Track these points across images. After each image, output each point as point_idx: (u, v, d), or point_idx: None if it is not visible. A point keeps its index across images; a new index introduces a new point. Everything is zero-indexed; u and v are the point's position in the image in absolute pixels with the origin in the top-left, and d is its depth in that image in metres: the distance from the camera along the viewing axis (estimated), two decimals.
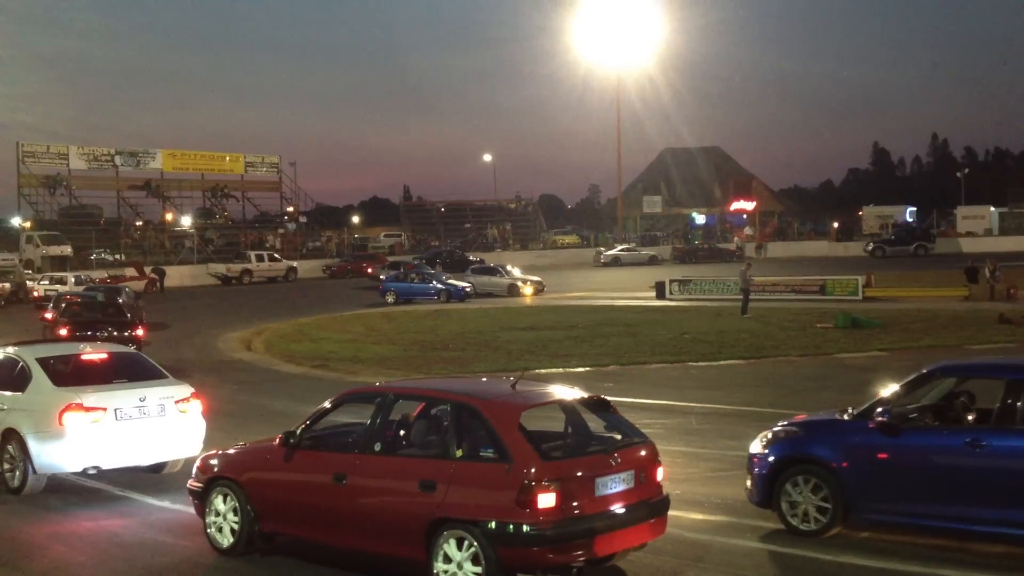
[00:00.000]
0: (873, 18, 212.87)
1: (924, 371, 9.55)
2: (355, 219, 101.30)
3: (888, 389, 9.61)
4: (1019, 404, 8.67)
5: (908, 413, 9.34)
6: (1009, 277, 35.71)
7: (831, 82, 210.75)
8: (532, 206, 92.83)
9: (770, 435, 9.84)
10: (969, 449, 8.61)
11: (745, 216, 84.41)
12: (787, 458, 9.50)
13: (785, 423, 10.10)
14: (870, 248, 66.14)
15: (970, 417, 9.28)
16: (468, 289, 43.46)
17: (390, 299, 42.51)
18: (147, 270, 53.93)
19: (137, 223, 72.88)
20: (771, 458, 9.56)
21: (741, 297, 32.69)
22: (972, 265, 37.00)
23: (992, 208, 77.19)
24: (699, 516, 9.96)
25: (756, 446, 9.86)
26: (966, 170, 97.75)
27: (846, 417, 9.53)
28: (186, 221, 75.45)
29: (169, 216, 75.55)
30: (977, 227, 73.87)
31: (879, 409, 9.18)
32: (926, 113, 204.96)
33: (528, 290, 44.77)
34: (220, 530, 9.07)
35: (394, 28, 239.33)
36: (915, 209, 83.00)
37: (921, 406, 9.50)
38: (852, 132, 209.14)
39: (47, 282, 45.06)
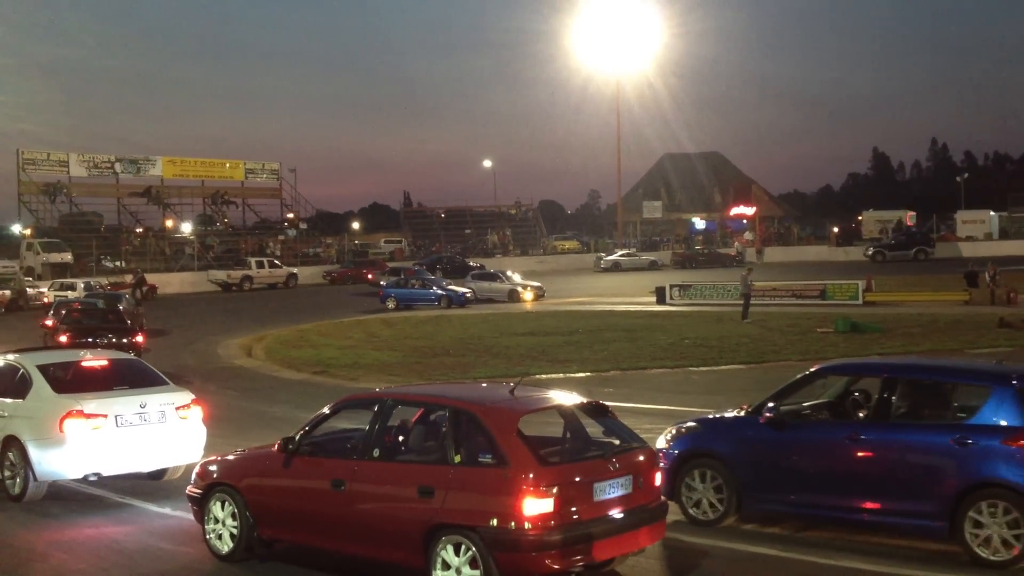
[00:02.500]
0: (873, 23, 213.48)
1: (811, 370, 10.11)
2: (355, 225, 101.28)
3: (779, 387, 10.11)
4: (893, 400, 9.21)
5: (802, 410, 9.90)
6: (1009, 281, 35.74)
7: (830, 87, 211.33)
8: (532, 212, 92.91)
9: (674, 431, 10.36)
10: (848, 443, 9.11)
11: (745, 221, 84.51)
12: (688, 452, 10.01)
13: (686, 420, 10.69)
14: (870, 253, 66.22)
15: (861, 414, 9.72)
16: (468, 295, 43.50)
17: (390, 305, 42.53)
18: (129, 278, 53.51)
19: (137, 230, 72.88)
20: (675, 452, 10.05)
21: (742, 302, 32.72)
22: (972, 269, 37.04)
23: (992, 212, 77.28)
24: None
25: (661, 442, 10.27)
26: (966, 174, 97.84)
27: (742, 414, 10.03)
28: (186, 228, 75.49)
29: (169, 223, 75.58)
30: (977, 231, 73.98)
31: (770, 405, 9.66)
32: (926, 118, 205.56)
33: (528, 295, 44.78)
34: (220, 536, 9.08)
35: (394, 34, 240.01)
36: (915, 214, 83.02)
37: (816, 403, 10.02)
38: (852, 137, 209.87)
39: (56, 288, 45.03)
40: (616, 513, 7.72)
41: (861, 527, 9.25)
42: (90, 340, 23.71)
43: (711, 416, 10.87)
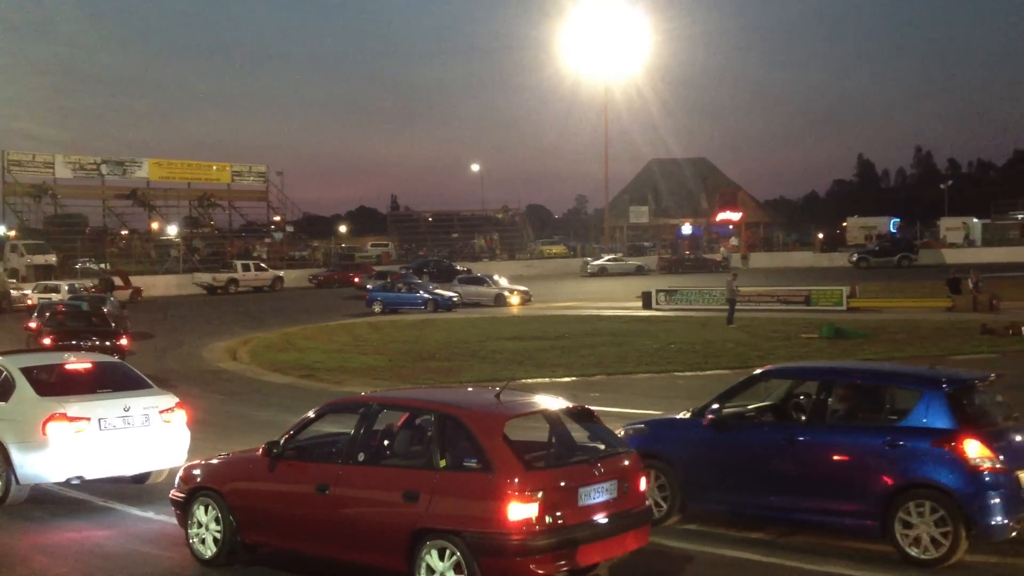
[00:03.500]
0: (859, 31, 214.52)
1: (755, 373, 10.45)
2: (342, 229, 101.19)
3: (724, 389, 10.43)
4: (829, 402, 9.53)
5: (745, 412, 10.18)
6: (992, 288, 35.91)
7: (816, 94, 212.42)
8: (519, 216, 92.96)
9: (622, 432, 10.48)
10: (785, 444, 9.38)
11: (731, 227, 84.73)
12: None
13: (635, 422, 10.91)
14: (855, 259, 66.53)
15: (801, 416, 10.00)
16: (455, 299, 43.48)
17: (377, 309, 42.47)
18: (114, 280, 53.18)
19: (123, 232, 72.64)
20: None
21: (727, 307, 32.80)
22: (955, 276, 37.23)
23: (975, 219, 77.66)
24: (684, 526, 9.98)
25: None
26: (950, 182, 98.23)
27: (688, 415, 10.27)
28: (172, 230, 75.26)
29: (155, 225, 75.40)
30: (960, 238, 74.35)
31: (713, 407, 9.92)
32: (910, 125, 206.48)
33: (515, 300, 44.79)
34: (203, 541, 9.05)
35: (383, 38, 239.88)
36: (899, 220, 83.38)
37: (760, 405, 10.30)
38: (837, 144, 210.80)
39: (40, 291, 44.72)
40: (601, 518, 7.73)
41: (797, 526, 9.51)
42: (74, 343, 23.61)
43: (658, 418, 11.20)
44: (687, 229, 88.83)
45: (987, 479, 8.48)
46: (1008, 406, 9.59)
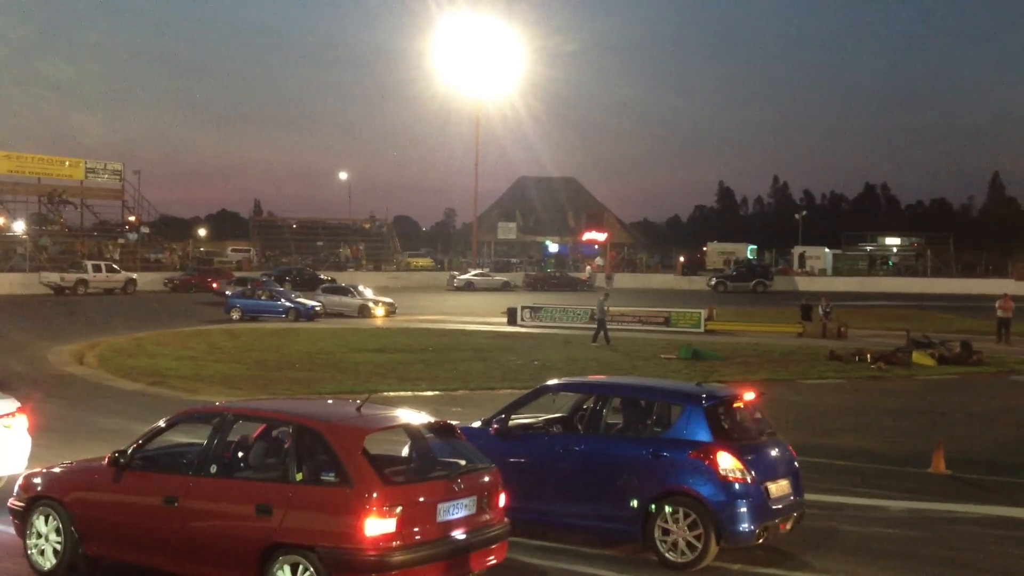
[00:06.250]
0: (722, 61, 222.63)
1: (539, 387, 11.07)
2: (201, 232, 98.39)
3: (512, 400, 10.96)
4: (604, 414, 10.19)
5: (536, 422, 10.71)
6: (840, 316, 37.72)
7: (681, 119, 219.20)
8: (387, 227, 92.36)
9: None
10: (562, 453, 9.95)
11: (596, 247, 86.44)
12: None
13: None
14: (713, 283, 68.86)
15: (581, 427, 10.59)
16: (317, 308, 42.79)
17: (235, 316, 41.36)
18: None
19: None
20: None
21: (594, 326, 33.31)
22: (806, 303, 38.91)
23: (827, 249, 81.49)
24: (539, 542, 10.04)
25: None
26: (804, 212, 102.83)
27: (477, 425, 10.66)
28: (19, 227, 71.56)
29: (0, 221, 71.52)
30: (812, 267, 77.89)
31: (500, 416, 10.41)
32: (769, 155, 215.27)
33: (379, 311, 44.44)
34: (42, 552, 8.63)
35: (253, 40, 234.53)
36: (756, 247, 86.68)
37: (550, 417, 10.86)
38: (700, 170, 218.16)
39: None
40: (459, 534, 7.71)
41: (572, 532, 9.95)
42: None
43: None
44: (553, 247, 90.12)
45: (737, 489, 9.12)
46: (766, 422, 10.25)
